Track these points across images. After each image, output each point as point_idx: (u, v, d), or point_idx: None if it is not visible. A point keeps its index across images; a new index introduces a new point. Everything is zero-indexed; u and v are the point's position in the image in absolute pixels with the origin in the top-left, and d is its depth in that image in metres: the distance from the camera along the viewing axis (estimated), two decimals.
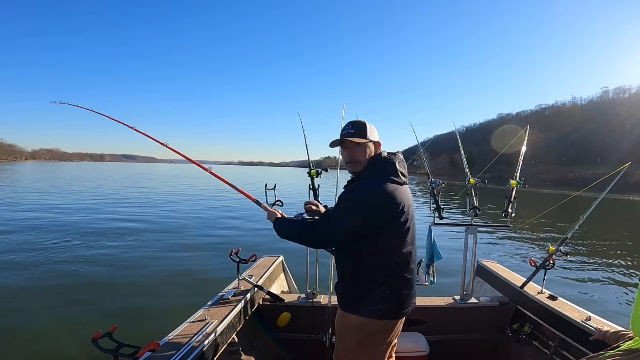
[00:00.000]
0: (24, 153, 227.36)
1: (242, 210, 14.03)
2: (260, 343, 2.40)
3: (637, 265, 8.04)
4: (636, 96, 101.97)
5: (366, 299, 1.47)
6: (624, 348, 1.05)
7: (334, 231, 1.43)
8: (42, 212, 12.15)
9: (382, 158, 1.54)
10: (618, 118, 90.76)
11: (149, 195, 20.34)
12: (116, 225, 10.21)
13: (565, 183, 56.39)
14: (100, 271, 5.86)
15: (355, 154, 1.53)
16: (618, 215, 19.32)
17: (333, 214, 1.50)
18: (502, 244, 9.64)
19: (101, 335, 1.40)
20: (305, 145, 2.86)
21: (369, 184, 1.47)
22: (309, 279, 2.65)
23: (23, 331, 3.80)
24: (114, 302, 4.65)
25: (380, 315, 1.48)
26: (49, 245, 7.41)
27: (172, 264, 6.49)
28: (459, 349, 2.62)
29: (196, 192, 23.81)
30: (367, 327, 1.49)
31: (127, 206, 14.77)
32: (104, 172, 55.37)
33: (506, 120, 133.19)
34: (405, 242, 1.49)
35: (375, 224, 1.41)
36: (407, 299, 1.54)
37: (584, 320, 2.07)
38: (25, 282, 5.23)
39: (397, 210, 1.44)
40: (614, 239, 11.27)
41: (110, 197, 18.34)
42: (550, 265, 2.49)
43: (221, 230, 10.14)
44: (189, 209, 14.55)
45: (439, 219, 2.66)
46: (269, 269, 2.93)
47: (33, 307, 4.38)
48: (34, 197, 17.09)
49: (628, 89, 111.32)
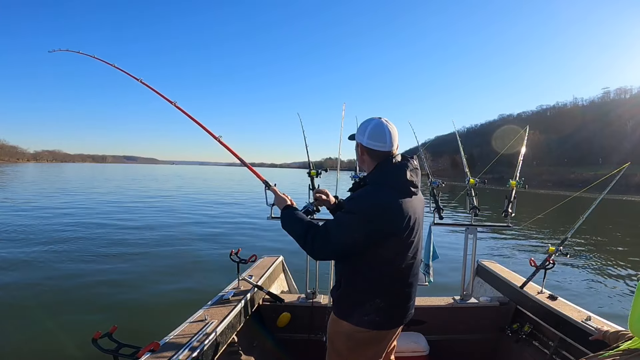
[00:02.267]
0: (26, 154, 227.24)
1: (242, 211, 14.04)
2: (260, 343, 2.40)
3: (637, 265, 8.04)
4: (637, 97, 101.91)
5: (359, 308, 1.42)
6: (623, 348, 1.05)
7: (334, 246, 1.36)
8: (42, 212, 12.16)
9: (391, 164, 1.42)
10: (619, 119, 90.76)
11: (149, 196, 20.34)
12: (116, 225, 10.21)
13: (566, 184, 56.35)
14: (100, 271, 5.86)
15: (357, 155, 1.52)
16: (619, 215, 19.32)
17: (334, 226, 1.38)
18: (502, 244, 9.64)
19: (101, 336, 1.40)
20: (305, 146, 2.86)
21: (369, 194, 1.38)
22: (309, 279, 2.65)
23: (23, 331, 3.80)
24: (114, 302, 4.66)
25: (372, 325, 1.43)
26: (49, 246, 7.42)
27: (172, 264, 6.49)
28: (459, 349, 2.62)
29: (196, 192, 23.84)
30: (357, 336, 1.45)
31: (126, 206, 14.78)
32: (105, 173, 55.10)
33: (507, 121, 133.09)
34: (406, 256, 1.41)
35: (374, 238, 1.33)
36: (404, 311, 1.49)
37: (584, 320, 2.07)
38: (25, 282, 5.23)
39: (399, 224, 1.34)
40: (613, 239, 11.28)
41: (109, 198, 18.34)
42: (550, 265, 2.49)
43: (221, 230, 10.14)
44: (188, 209, 14.55)
45: (439, 219, 2.66)
46: (268, 269, 2.93)
47: (33, 307, 4.39)
48: (35, 198, 17.11)
49: (629, 90, 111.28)
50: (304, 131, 2.94)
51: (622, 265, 7.95)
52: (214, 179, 42.82)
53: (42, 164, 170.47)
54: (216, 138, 1.89)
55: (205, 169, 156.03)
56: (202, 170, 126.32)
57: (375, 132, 1.43)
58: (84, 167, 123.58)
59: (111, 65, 2.17)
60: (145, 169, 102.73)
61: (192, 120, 1.93)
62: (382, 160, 1.43)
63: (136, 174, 54.57)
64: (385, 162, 1.43)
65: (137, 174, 54.57)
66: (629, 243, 11.20)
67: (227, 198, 19.77)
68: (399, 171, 1.40)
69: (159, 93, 2.00)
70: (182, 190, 25.51)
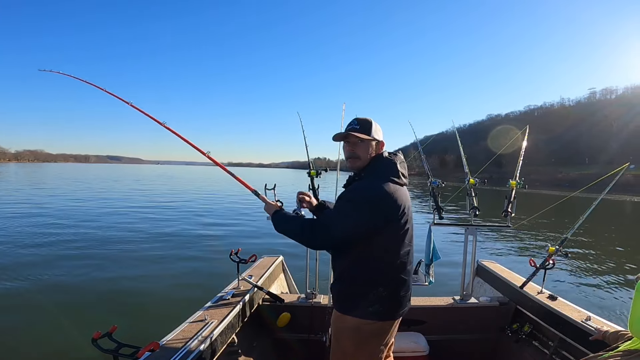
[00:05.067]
0: (7, 154, 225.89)
1: (242, 211, 14.04)
2: (260, 343, 2.40)
3: (636, 265, 8.04)
4: (623, 98, 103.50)
5: (363, 300, 1.46)
6: (622, 349, 1.05)
7: (334, 233, 1.41)
8: (41, 212, 12.15)
9: (384, 158, 1.54)
10: (606, 119, 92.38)
11: (148, 196, 20.33)
12: (115, 225, 10.21)
13: (554, 183, 56.74)
14: (99, 271, 5.86)
15: (357, 150, 1.53)
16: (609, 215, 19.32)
17: (334, 215, 1.47)
18: (502, 244, 9.64)
19: (101, 336, 1.40)
20: (305, 145, 2.87)
21: (370, 184, 1.46)
22: (309, 279, 2.65)
23: (23, 331, 3.80)
24: (113, 302, 4.65)
25: (377, 316, 1.46)
26: (49, 246, 7.41)
27: (172, 264, 6.49)
28: (458, 349, 2.62)
29: (196, 192, 23.83)
30: (364, 328, 1.48)
31: (126, 207, 14.77)
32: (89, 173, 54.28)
33: (495, 121, 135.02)
34: (403, 243, 1.48)
35: (376, 225, 1.40)
36: (404, 300, 1.53)
37: (584, 321, 2.07)
38: (24, 282, 5.23)
39: (398, 212, 1.43)
40: (614, 240, 11.28)
41: (106, 198, 18.34)
42: (550, 265, 2.49)
43: (221, 230, 10.13)
44: (188, 209, 14.55)
45: (439, 219, 2.66)
46: (268, 269, 2.93)
47: (33, 307, 4.39)
48: (29, 197, 17.10)
49: (615, 90, 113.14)
50: (304, 131, 2.94)
51: (622, 265, 7.96)
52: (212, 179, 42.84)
53: (24, 163, 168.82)
54: (205, 154, 1.98)
55: (193, 169, 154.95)
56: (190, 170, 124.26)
57: (380, 130, 1.59)
58: (67, 167, 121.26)
59: (99, 88, 2.21)
60: (130, 169, 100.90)
61: (182, 140, 1.99)
62: (377, 155, 1.56)
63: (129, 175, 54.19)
64: (379, 157, 1.55)
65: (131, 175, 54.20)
66: (629, 243, 11.20)
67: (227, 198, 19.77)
68: (392, 164, 1.52)
69: (149, 115, 2.05)
70: (182, 191, 25.50)
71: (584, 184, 2.87)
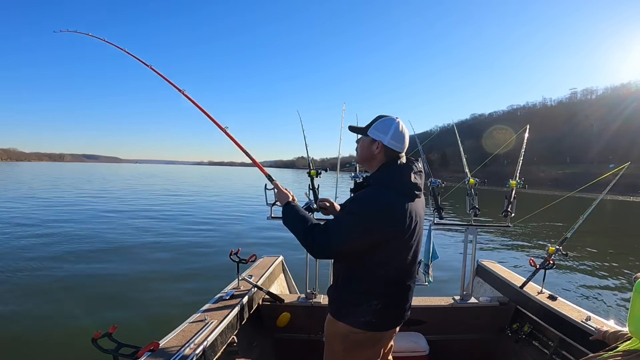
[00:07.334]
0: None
1: (242, 211, 14.04)
2: (260, 343, 2.40)
3: (636, 265, 8.04)
4: (603, 98, 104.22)
5: (355, 309, 1.41)
6: (622, 349, 1.05)
7: (334, 245, 1.32)
8: (40, 213, 12.15)
9: (396, 165, 1.40)
10: (586, 119, 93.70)
11: (145, 196, 20.34)
12: (115, 225, 10.22)
13: (537, 182, 56.97)
14: (99, 271, 5.87)
15: (358, 149, 1.49)
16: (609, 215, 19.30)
17: (335, 227, 1.35)
18: (502, 244, 9.64)
19: (101, 335, 1.40)
20: (305, 145, 2.84)
21: (372, 195, 1.34)
22: (309, 279, 2.64)
23: (23, 331, 3.81)
24: (114, 302, 4.66)
25: (368, 327, 1.41)
26: (48, 246, 7.42)
27: (172, 264, 6.49)
28: (458, 349, 2.62)
29: (196, 192, 23.82)
30: (354, 337, 1.43)
31: (125, 207, 14.77)
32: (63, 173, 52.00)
33: (479, 121, 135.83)
34: (405, 258, 1.39)
35: (374, 239, 1.32)
36: (400, 313, 1.48)
37: (584, 321, 2.07)
38: (24, 283, 5.23)
39: (401, 227, 1.32)
40: (613, 240, 11.28)
41: (103, 198, 18.34)
42: (550, 265, 2.49)
43: (221, 230, 10.14)
44: (188, 210, 14.55)
45: (439, 219, 2.66)
46: (268, 269, 2.93)
47: (33, 307, 4.39)
48: (30, 195, 17.10)
49: (595, 91, 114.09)
50: (304, 130, 2.91)
51: (621, 265, 7.96)
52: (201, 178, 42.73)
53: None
54: (223, 129, 1.82)
55: (173, 167, 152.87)
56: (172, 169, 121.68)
57: (399, 134, 1.41)
58: (41, 165, 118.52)
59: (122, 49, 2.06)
60: (108, 169, 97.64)
61: (200, 110, 1.87)
62: (389, 160, 1.41)
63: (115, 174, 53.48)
64: (391, 163, 1.41)
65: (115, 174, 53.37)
66: (629, 243, 11.21)
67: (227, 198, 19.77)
68: (404, 173, 1.37)
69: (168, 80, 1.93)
70: (181, 191, 25.50)
71: (567, 183, 2.89)
